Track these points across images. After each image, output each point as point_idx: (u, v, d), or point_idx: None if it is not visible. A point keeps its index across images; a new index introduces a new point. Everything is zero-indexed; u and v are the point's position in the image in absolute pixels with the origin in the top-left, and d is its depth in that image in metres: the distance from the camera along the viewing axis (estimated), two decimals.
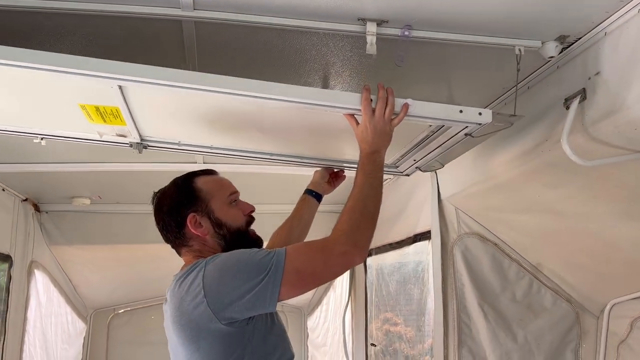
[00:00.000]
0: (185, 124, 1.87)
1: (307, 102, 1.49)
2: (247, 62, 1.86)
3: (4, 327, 3.29)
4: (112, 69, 1.41)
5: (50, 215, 3.84)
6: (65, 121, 1.84)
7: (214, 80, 1.46)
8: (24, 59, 1.36)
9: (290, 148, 2.22)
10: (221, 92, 1.48)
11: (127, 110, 1.67)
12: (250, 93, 1.50)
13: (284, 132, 2.00)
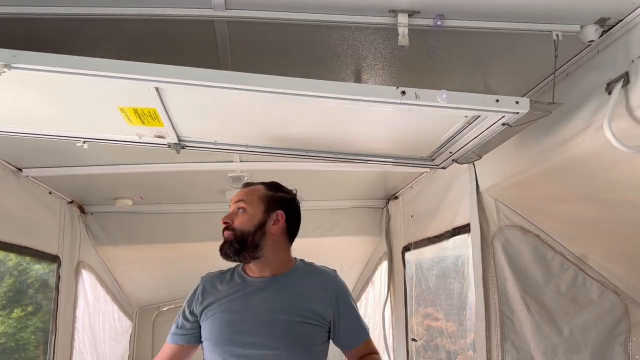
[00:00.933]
0: (221, 123, 1.91)
1: (344, 97, 1.48)
2: (278, 59, 1.88)
3: (55, 324, 3.43)
4: (149, 72, 1.45)
5: (95, 216, 3.97)
6: (106, 124, 1.89)
7: (247, 78, 1.48)
8: (65, 65, 1.41)
9: (322, 144, 2.22)
10: (255, 90, 1.50)
11: (165, 112, 1.71)
12: (285, 90, 1.51)
13: (314, 129, 2.01)
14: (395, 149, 2.23)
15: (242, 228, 1.77)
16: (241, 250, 1.74)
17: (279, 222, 1.81)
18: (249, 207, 1.80)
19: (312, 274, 1.87)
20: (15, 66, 1.39)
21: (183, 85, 1.49)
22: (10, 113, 1.88)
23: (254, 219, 1.78)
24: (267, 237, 1.78)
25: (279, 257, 1.83)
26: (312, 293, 1.77)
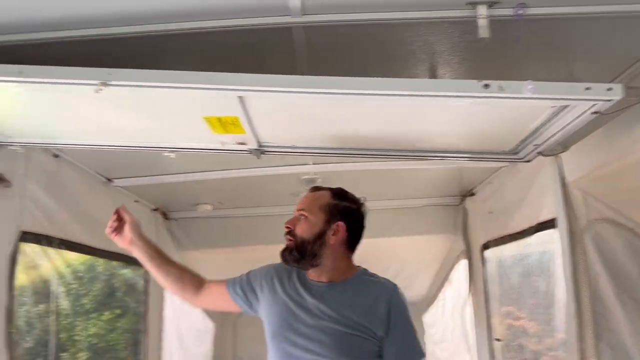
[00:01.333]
0: (299, 127, 1.94)
1: (424, 94, 1.48)
2: (354, 60, 1.89)
3: (145, 326, 3.61)
4: (233, 81, 1.50)
5: (177, 222, 4.15)
6: (191, 134, 1.98)
7: (327, 82, 1.50)
8: (156, 80, 1.49)
9: (396, 143, 2.20)
10: (334, 93, 1.52)
11: (246, 119, 1.76)
12: (363, 91, 1.52)
13: (389, 128, 2.00)
14: (473, 144, 2.18)
15: (302, 236, 1.79)
16: (300, 258, 1.77)
17: (338, 233, 1.80)
18: (310, 216, 1.81)
19: (370, 285, 1.83)
20: (110, 84, 1.49)
21: (264, 93, 1.54)
22: (103, 128, 2.01)
23: (314, 228, 1.79)
24: (326, 247, 1.78)
25: (337, 265, 1.82)
26: (366, 305, 1.74)
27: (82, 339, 3.45)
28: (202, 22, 1.61)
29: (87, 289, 3.55)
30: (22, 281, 2.41)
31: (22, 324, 2.38)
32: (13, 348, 2.17)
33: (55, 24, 1.60)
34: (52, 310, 2.72)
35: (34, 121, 1.97)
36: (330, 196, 1.86)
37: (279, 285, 1.86)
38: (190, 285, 1.96)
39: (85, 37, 1.64)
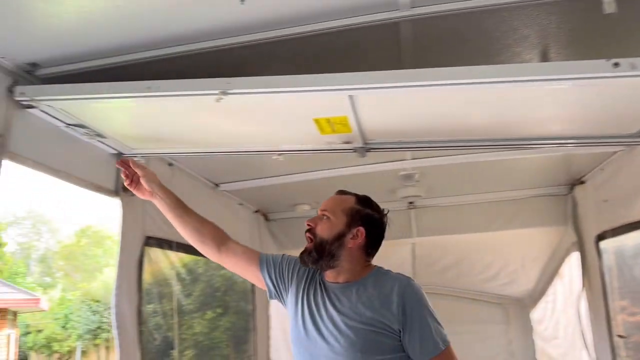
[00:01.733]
0: (405, 122, 1.93)
1: (547, 78, 1.42)
2: (460, 51, 1.84)
3: (254, 323, 3.75)
4: (344, 81, 1.52)
5: (277, 222, 4.27)
6: (299, 136, 2.03)
7: (439, 74, 1.48)
8: (270, 86, 1.55)
9: (500, 132, 2.12)
10: (446, 85, 1.49)
11: (354, 118, 1.78)
12: (474, 80, 1.48)
13: (495, 118, 1.93)
14: (588, 128, 2.05)
15: (322, 235, 1.79)
16: (318, 259, 1.77)
17: (357, 238, 1.79)
18: (332, 217, 1.81)
19: (383, 280, 1.80)
20: (230, 92, 1.56)
21: (374, 90, 1.54)
22: (216, 135, 2.12)
23: (334, 229, 1.79)
24: (344, 249, 1.78)
25: (354, 267, 1.81)
26: (381, 300, 1.72)
27: (188, 337, 3.62)
28: (308, 25, 1.65)
29: (191, 290, 3.74)
30: (146, 283, 2.58)
31: (150, 323, 2.54)
32: (144, 345, 2.34)
33: (170, 40, 1.70)
34: (174, 309, 2.89)
35: (152, 133, 2.12)
36: (354, 201, 1.85)
37: (304, 282, 1.88)
38: (211, 239, 1.96)
39: (199, 50, 1.73)
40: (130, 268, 2.28)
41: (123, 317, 2.18)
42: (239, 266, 1.99)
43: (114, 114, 1.88)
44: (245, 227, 3.84)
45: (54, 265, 25.63)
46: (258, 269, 1.94)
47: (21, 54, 1.64)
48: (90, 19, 1.51)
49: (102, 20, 1.53)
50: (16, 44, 1.59)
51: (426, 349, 1.69)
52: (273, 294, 1.95)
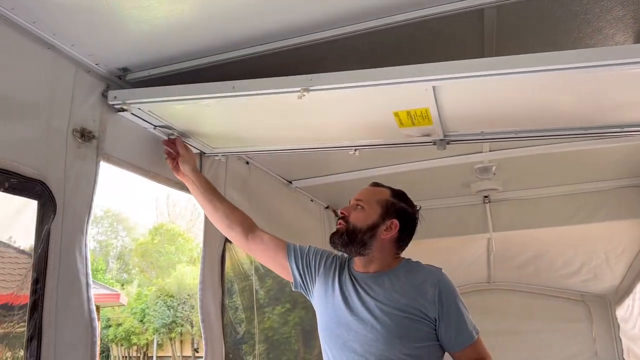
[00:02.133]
0: (488, 112, 1.86)
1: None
2: (545, 35, 1.77)
3: None
4: (427, 72, 1.49)
5: None
6: (376, 130, 2.01)
7: (527, 60, 1.42)
8: (353, 80, 1.54)
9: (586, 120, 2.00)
10: (535, 71, 1.43)
11: (436, 110, 1.74)
12: (565, 65, 1.41)
13: (585, 103, 1.83)
14: None
15: (355, 223, 1.80)
16: (349, 243, 1.78)
17: (391, 230, 1.80)
18: (367, 207, 1.82)
19: (416, 271, 1.81)
20: (312, 89, 1.57)
21: (459, 80, 1.50)
22: (293, 132, 2.14)
23: (368, 219, 1.80)
24: (376, 239, 1.79)
25: (384, 258, 1.82)
26: (415, 289, 1.73)
27: (259, 332, 3.69)
28: (387, 18, 1.63)
29: (264, 284, 3.81)
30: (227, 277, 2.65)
31: (231, 317, 2.62)
32: (227, 339, 2.41)
33: (250, 40, 1.74)
34: (253, 303, 2.96)
35: (232, 132, 2.17)
36: (390, 194, 1.87)
37: (333, 272, 1.88)
38: (238, 225, 1.99)
39: (278, 49, 1.75)
40: (213, 263, 2.36)
41: (208, 310, 2.26)
42: (266, 255, 2.03)
43: (198, 115, 1.94)
44: (316, 224, 3.87)
45: (131, 262, 26.98)
46: (285, 258, 1.97)
47: (114, 60, 1.73)
48: (177, 23, 1.56)
49: (189, 24, 1.58)
50: (110, 51, 1.68)
51: (462, 339, 1.72)
52: (299, 285, 1.98)
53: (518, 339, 4.96)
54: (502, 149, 2.86)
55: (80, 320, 1.58)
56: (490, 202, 3.96)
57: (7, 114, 1.43)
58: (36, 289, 1.44)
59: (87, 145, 1.67)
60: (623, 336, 4.64)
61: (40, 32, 1.50)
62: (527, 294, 5.00)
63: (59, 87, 1.59)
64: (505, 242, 4.22)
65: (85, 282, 1.61)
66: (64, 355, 1.49)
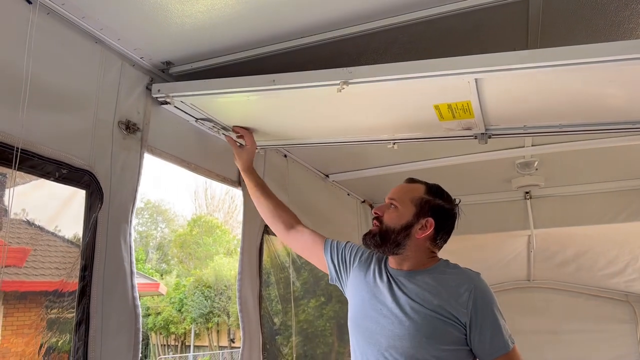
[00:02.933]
0: (532, 106, 1.82)
1: None
2: (594, 26, 1.71)
3: None
4: (470, 64, 1.47)
5: None
6: (415, 124, 1.99)
7: (574, 52, 1.39)
8: (394, 73, 1.53)
9: None
10: (580, 64, 1.39)
11: (478, 103, 1.71)
12: (614, 57, 1.37)
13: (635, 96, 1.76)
14: None
15: (389, 224, 1.76)
16: (382, 244, 1.76)
17: (426, 229, 1.74)
18: (400, 206, 1.77)
19: (452, 273, 1.74)
20: (351, 82, 1.57)
21: (502, 72, 1.47)
22: (332, 126, 2.14)
23: (402, 219, 1.75)
24: (411, 239, 1.74)
25: (419, 256, 1.77)
26: (449, 291, 1.68)
27: (294, 324, 3.72)
28: (431, 9, 1.61)
29: (299, 277, 3.84)
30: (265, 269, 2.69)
31: (268, 308, 2.66)
32: (264, 329, 2.45)
33: (291, 34, 1.75)
34: (290, 294, 2.99)
35: (271, 125, 2.19)
36: (424, 191, 1.80)
37: (368, 267, 1.87)
38: (281, 220, 2.06)
39: (319, 41, 1.76)
40: (251, 255, 2.39)
41: (246, 300, 2.29)
42: (305, 248, 2.08)
43: (238, 108, 1.96)
44: (352, 218, 3.88)
45: (170, 253, 27.61)
46: (322, 252, 2.00)
47: (158, 53, 1.77)
48: (219, 17, 1.59)
49: (230, 17, 1.60)
50: (154, 45, 1.72)
51: (496, 347, 1.65)
52: (334, 278, 2.00)
53: (559, 339, 4.84)
54: (545, 144, 2.79)
55: (125, 306, 1.63)
56: (532, 198, 3.88)
57: (58, 106, 1.48)
58: (84, 275, 1.50)
59: (131, 137, 1.72)
60: None
61: (89, 27, 1.55)
62: (569, 292, 4.87)
63: (106, 80, 1.64)
64: (546, 239, 4.12)
65: (129, 270, 1.67)
66: (110, 340, 1.54)
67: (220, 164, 2.25)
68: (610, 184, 3.65)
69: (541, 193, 3.80)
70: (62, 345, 1.55)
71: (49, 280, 1.54)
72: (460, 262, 4.75)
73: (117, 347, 1.57)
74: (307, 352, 3.62)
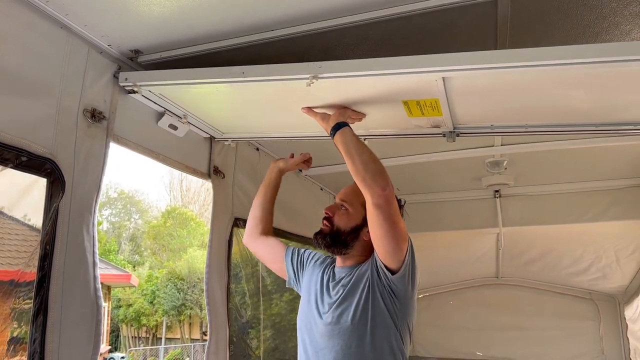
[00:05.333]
0: (499, 106, 1.85)
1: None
2: (561, 29, 1.74)
3: None
4: (438, 62, 1.48)
5: None
6: (386, 120, 2.00)
7: (538, 54, 1.40)
8: (364, 69, 1.53)
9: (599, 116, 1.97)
10: (546, 65, 1.41)
11: (446, 101, 1.73)
12: (579, 60, 1.39)
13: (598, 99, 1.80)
14: None
15: (339, 225, 1.81)
16: (332, 244, 1.79)
17: None
18: (350, 208, 1.82)
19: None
20: (321, 76, 1.56)
21: (469, 72, 1.49)
22: (302, 120, 2.13)
23: (352, 221, 1.80)
24: (359, 240, 1.79)
25: (365, 255, 1.80)
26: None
27: (267, 317, 3.72)
28: (402, 6, 1.61)
29: (268, 271, 3.83)
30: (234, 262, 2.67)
31: (238, 302, 2.64)
32: (231, 323, 2.43)
33: (262, 26, 1.73)
34: (259, 288, 2.98)
35: (242, 118, 2.17)
36: None
37: (319, 269, 1.91)
38: (263, 225, 2.11)
39: (290, 35, 1.75)
40: (220, 248, 2.37)
41: (213, 294, 2.28)
42: (266, 256, 2.14)
43: (208, 100, 1.94)
44: None
45: (143, 244, 27.28)
46: (283, 256, 2.05)
47: (126, 41, 1.74)
48: (189, 6, 1.56)
49: (200, 7, 1.57)
50: (122, 33, 1.69)
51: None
52: (292, 281, 2.05)
53: (525, 335, 4.96)
54: (514, 144, 2.84)
55: (87, 297, 1.60)
56: (501, 197, 3.95)
57: (19, 91, 1.44)
58: (43, 265, 1.47)
59: (97, 126, 1.69)
60: (631, 336, 4.61)
61: (53, 12, 1.51)
62: (535, 290, 4.99)
63: (71, 67, 1.61)
64: (515, 237, 4.20)
65: (92, 260, 1.64)
66: (69, 332, 1.51)
67: (190, 155, 2.22)
68: (577, 184, 3.73)
69: (510, 192, 3.87)
70: (20, 335, 1.52)
71: (5, 270, 1.50)
72: (431, 258, 4.83)
73: (77, 338, 1.55)
74: (279, 346, 3.61)
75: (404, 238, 1.66)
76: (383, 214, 1.60)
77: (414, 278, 1.70)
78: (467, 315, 5.17)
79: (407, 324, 1.72)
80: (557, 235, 4.11)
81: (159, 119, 2.01)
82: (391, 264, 1.66)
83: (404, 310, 1.69)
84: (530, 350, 4.92)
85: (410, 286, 1.69)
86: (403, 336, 1.71)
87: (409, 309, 1.71)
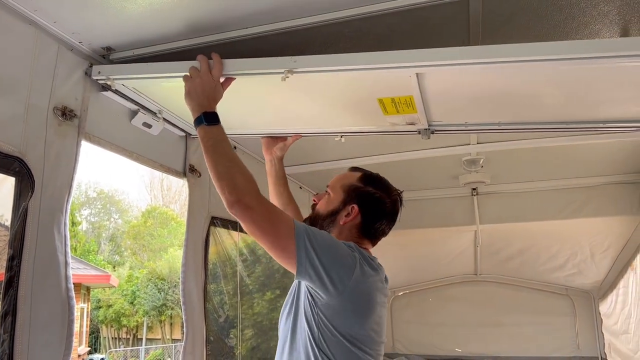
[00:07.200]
0: (472, 103, 1.86)
1: None
2: (534, 27, 1.76)
3: None
4: (411, 58, 1.49)
5: None
6: (361, 117, 2.01)
7: (511, 50, 1.42)
8: (338, 64, 1.53)
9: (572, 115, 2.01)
10: (518, 62, 1.44)
11: (420, 98, 1.74)
12: (550, 57, 1.42)
13: (572, 97, 1.83)
14: None
15: (319, 210, 1.78)
16: None
17: (350, 216, 1.71)
18: (332, 193, 1.79)
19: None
20: (296, 71, 1.56)
21: (443, 68, 1.50)
22: (279, 117, 2.13)
23: (330, 205, 1.76)
24: (335, 226, 1.73)
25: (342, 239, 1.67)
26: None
27: (248, 317, 3.71)
28: (374, 5, 1.62)
29: (252, 270, 3.82)
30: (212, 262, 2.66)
31: (216, 301, 2.63)
32: (209, 322, 2.42)
33: (236, 23, 1.72)
34: (237, 288, 2.97)
35: None
36: (357, 178, 1.79)
37: None
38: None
39: (265, 32, 1.74)
40: (196, 247, 2.36)
41: (190, 294, 2.26)
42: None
43: (182, 94, 1.92)
44: (304, 211, 3.87)
45: (123, 244, 26.98)
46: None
47: (97, 38, 1.71)
48: (162, 2, 1.55)
49: (172, 4, 1.56)
50: (93, 30, 1.66)
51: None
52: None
53: (503, 331, 5.03)
54: (489, 142, 2.87)
55: (58, 298, 1.57)
56: (478, 195, 3.99)
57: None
58: (12, 265, 1.44)
59: (68, 124, 1.66)
60: (605, 331, 4.70)
61: (21, 7, 1.48)
62: (513, 286, 5.06)
63: (40, 64, 1.58)
64: (492, 234, 4.26)
65: (63, 260, 1.61)
66: (39, 333, 1.49)
67: (164, 154, 2.20)
68: (553, 182, 3.79)
69: (487, 190, 3.91)
70: None
71: None
72: (410, 255, 4.85)
73: (47, 339, 1.52)
74: (261, 345, 3.60)
75: (281, 246, 1.47)
76: (245, 224, 1.47)
77: (332, 278, 1.48)
78: (446, 312, 5.22)
79: (335, 327, 1.53)
80: (534, 232, 4.17)
81: (133, 117, 1.98)
82: (290, 268, 1.50)
83: (330, 310, 1.52)
84: (507, 346, 4.99)
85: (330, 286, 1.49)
86: (328, 341, 1.53)
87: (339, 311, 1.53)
